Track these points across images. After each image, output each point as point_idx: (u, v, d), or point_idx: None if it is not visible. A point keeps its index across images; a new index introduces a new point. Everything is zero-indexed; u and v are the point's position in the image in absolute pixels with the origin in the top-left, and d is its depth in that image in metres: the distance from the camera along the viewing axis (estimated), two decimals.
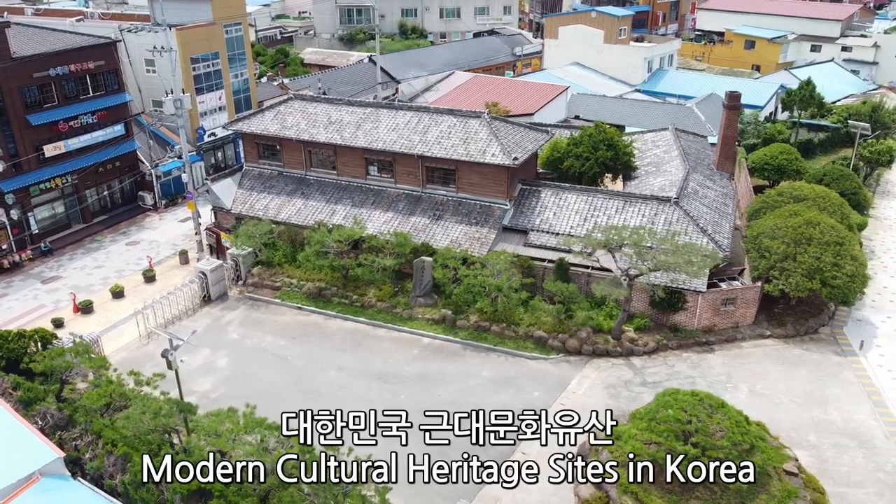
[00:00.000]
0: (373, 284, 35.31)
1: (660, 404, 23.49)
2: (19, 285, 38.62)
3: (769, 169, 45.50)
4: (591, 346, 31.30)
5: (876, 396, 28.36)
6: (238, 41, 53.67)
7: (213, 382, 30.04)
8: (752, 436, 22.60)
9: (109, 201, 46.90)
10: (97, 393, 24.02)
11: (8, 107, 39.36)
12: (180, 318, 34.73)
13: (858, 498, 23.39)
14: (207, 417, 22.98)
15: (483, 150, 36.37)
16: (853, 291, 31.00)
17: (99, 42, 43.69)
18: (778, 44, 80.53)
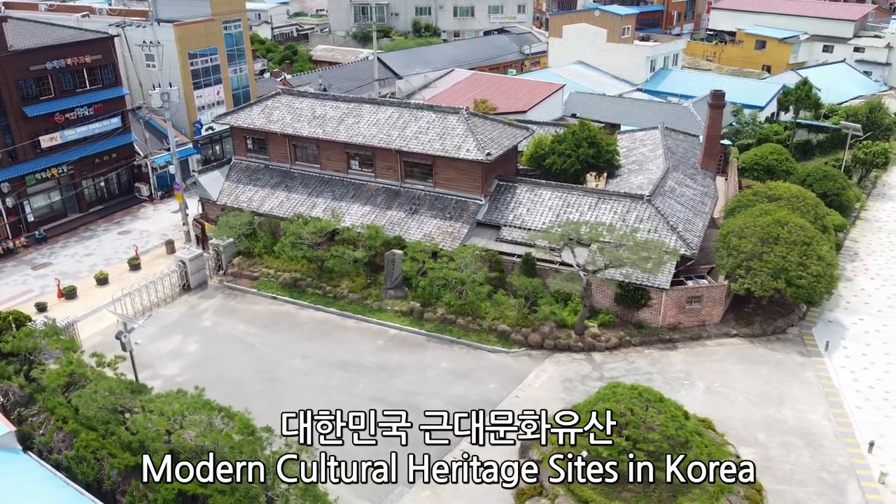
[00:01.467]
0: (347, 276, 35.91)
1: (599, 397, 23.73)
2: (10, 271, 40.00)
3: (759, 169, 45.22)
4: (553, 340, 31.52)
5: (833, 397, 28.17)
6: (237, 37, 54.75)
7: (180, 367, 30.90)
8: (688, 430, 22.72)
9: (106, 192, 48.23)
10: (57, 372, 24.95)
11: (4, 98, 40.77)
12: (158, 306, 35.69)
13: (797, 496, 23.34)
14: (158, 398, 23.75)
15: (458, 146, 36.76)
16: (818, 292, 30.79)
17: (96, 37, 44.92)
18: (789, 44, 79.47)
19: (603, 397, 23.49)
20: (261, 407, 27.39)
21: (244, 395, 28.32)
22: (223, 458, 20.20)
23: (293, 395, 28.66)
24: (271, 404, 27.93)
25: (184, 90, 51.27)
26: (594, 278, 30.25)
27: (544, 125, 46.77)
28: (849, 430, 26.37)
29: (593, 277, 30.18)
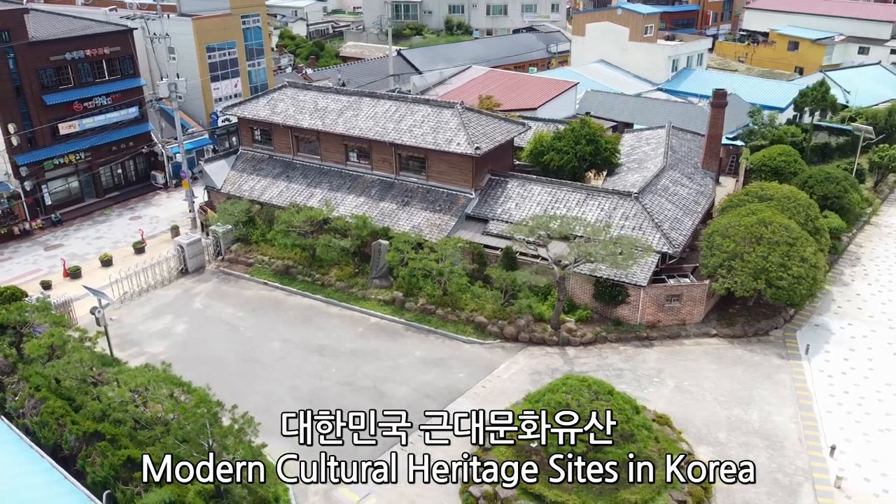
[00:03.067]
0: (336, 265, 36.71)
1: (549, 388, 23.90)
2: (25, 251, 42.01)
3: (766, 170, 44.38)
4: (528, 333, 31.69)
5: (805, 400, 27.68)
6: (256, 31, 56.14)
7: (166, 346, 32.11)
8: (635, 424, 22.70)
9: (123, 179, 50.11)
10: (38, 344, 26.30)
11: (25, 87, 42.79)
12: (155, 288, 37.10)
13: (747, 496, 23.09)
14: (127, 372, 24.88)
15: (450, 140, 37.18)
16: (799, 293, 30.23)
17: (115, 29, 46.75)
18: (822, 45, 77.42)
19: (552, 388, 23.65)
20: (236, 385, 28.80)
21: (221, 374, 29.49)
22: (178, 427, 21.17)
23: (266, 375, 29.60)
24: (246, 383, 29.24)
25: (201, 82, 52.90)
26: (564, 272, 30.27)
27: (551, 122, 46.81)
28: (814, 433, 25.92)
29: (562, 271, 30.17)
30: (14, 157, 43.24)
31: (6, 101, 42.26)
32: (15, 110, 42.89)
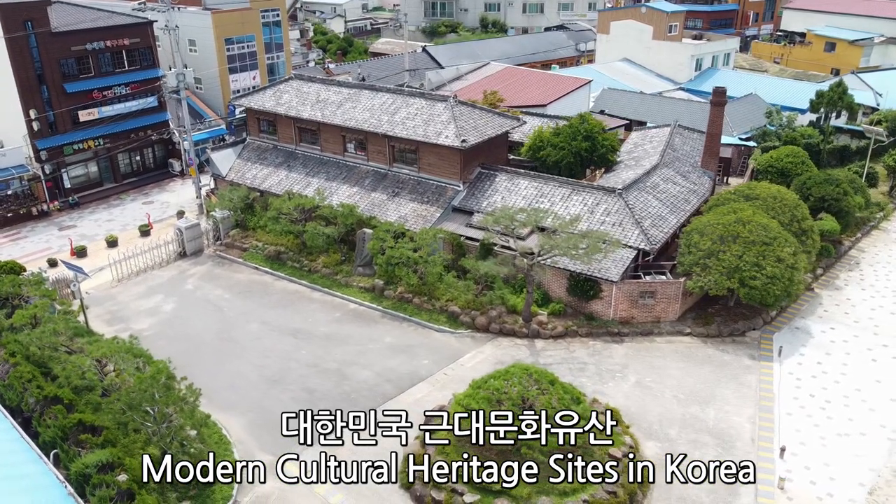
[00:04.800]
0: (324, 252, 37.64)
1: (492, 375, 24.17)
2: (40, 230, 44.28)
3: (773, 171, 43.48)
4: (499, 324, 31.96)
5: (767, 402, 27.23)
6: (275, 26, 57.62)
7: (151, 323, 33.54)
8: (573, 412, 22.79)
9: (141, 165, 52.19)
10: (21, 314, 27.92)
11: (46, 75, 45.07)
12: (153, 268, 38.69)
13: (686, 493, 22.94)
14: (94, 343, 26.26)
15: (439, 132, 37.67)
16: (772, 294, 29.68)
17: (134, 21, 48.76)
18: (860, 46, 74.89)
19: (495, 375, 23.94)
20: (208, 361, 30.06)
21: (198, 350, 30.82)
22: (126, 394, 22.32)
23: (238, 353, 30.69)
24: (217, 360, 30.45)
25: (219, 74, 54.63)
26: (532, 264, 30.37)
27: (556, 119, 46.74)
28: (769, 434, 25.52)
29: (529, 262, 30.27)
30: (35, 141, 45.57)
31: (29, 88, 44.62)
32: (37, 97, 45.23)
